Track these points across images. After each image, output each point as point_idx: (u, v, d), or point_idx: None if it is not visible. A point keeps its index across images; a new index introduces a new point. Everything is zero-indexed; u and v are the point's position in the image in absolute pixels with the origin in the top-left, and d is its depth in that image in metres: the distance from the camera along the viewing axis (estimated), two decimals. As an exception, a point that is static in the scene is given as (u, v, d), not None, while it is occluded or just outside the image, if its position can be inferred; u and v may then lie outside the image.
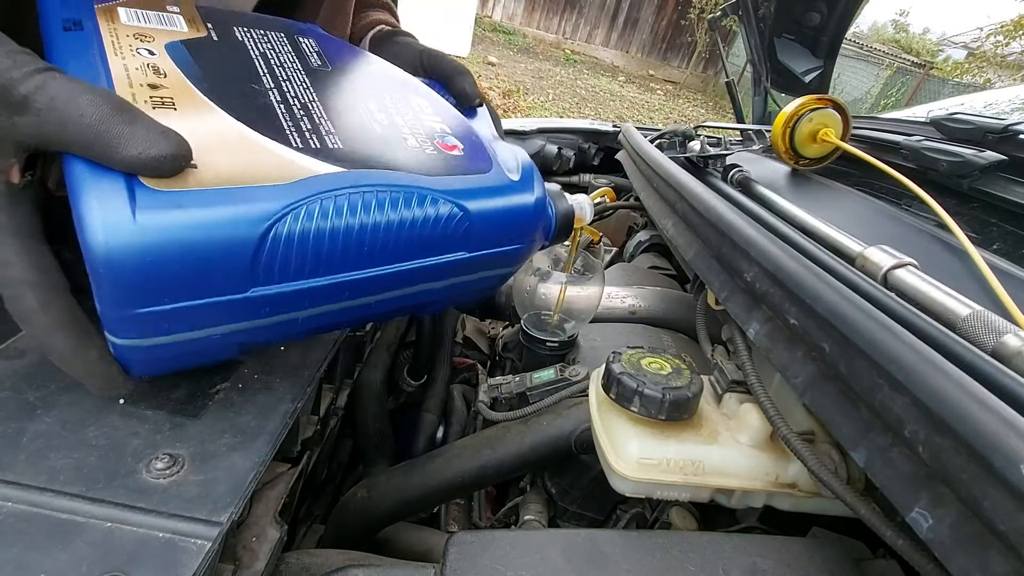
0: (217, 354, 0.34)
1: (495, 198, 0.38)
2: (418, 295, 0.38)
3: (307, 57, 0.40)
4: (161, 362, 0.32)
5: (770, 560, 0.37)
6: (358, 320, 0.40)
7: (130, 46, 0.33)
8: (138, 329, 0.28)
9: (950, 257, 0.51)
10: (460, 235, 0.36)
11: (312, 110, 0.35)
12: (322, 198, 0.30)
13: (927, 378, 0.28)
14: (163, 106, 0.30)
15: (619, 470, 0.40)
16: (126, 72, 0.31)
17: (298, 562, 0.39)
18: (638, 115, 6.69)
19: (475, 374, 0.87)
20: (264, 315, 0.32)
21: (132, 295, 0.27)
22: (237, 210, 0.28)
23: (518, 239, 0.40)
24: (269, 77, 0.36)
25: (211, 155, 0.28)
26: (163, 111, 0.29)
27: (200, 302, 0.29)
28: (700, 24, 9.12)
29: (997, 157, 0.60)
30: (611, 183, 1.29)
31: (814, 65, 1.12)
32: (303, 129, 0.33)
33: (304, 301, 0.32)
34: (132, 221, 0.25)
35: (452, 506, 0.66)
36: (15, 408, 0.33)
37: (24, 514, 0.27)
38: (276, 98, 0.35)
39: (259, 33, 0.40)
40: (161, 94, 0.30)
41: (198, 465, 0.32)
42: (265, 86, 0.35)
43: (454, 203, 0.35)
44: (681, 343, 0.69)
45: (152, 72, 0.31)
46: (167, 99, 0.30)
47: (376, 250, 0.33)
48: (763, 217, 0.62)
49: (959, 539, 0.26)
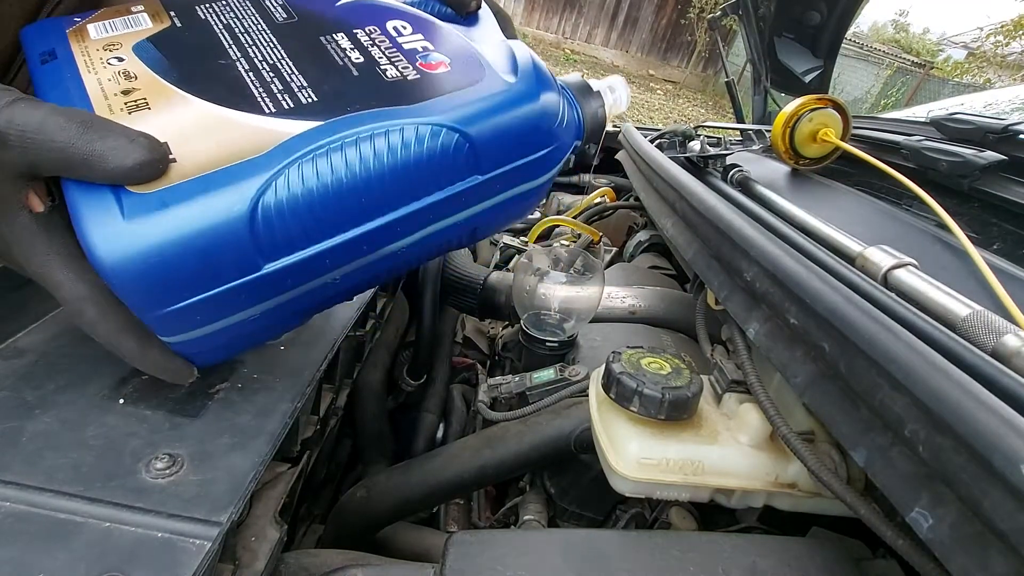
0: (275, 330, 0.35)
1: (491, 108, 0.34)
2: (450, 229, 0.36)
3: (271, 13, 0.38)
4: (220, 349, 0.33)
5: (770, 560, 0.37)
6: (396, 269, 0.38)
7: (101, 59, 0.33)
8: (175, 326, 0.30)
9: (950, 257, 0.51)
10: (463, 159, 0.33)
11: (282, 69, 0.34)
12: (301, 160, 0.29)
13: (927, 378, 0.28)
14: (138, 109, 0.30)
15: (619, 470, 0.40)
16: (100, 86, 0.31)
17: (297, 562, 0.39)
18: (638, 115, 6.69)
19: (475, 374, 0.87)
20: (293, 286, 0.32)
21: (149, 298, 0.28)
22: (219, 194, 0.28)
23: (535, 146, 0.36)
24: (235, 48, 0.35)
25: (188, 144, 0.28)
26: (139, 114, 0.30)
27: (218, 290, 0.29)
28: (700, 24, 9.12)
29: (997, 157, 0.60)
30: (611, 183, 1.29)
31: (814, 65, 1.12)
32: (274, 91, 0.32)
33: (324, 264, 0.32)
34: (124, 229, 0.26)
35: (451, 506, 0.66)
36: (13, 408, 0.33)
37: (22, 514, 0.27)
38: (244, 67, 0.33)
39: (220, 5, 0.38)
40: (135, 98, 0.30)
41: (197, 465, 0.32)
42: (232, 58, 0.34)
43: (445, 127, 0.32)
44: (681, 343, 0.69)
45: (123, 78, 0.32)
46: (140, 101, 0.30)
47: (376, 198, 0.31)
48: (763, 217, 0.62)
49: (959, 539, 0.26)
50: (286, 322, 0.35)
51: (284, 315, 0.34)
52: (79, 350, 0.38)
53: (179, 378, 0.33)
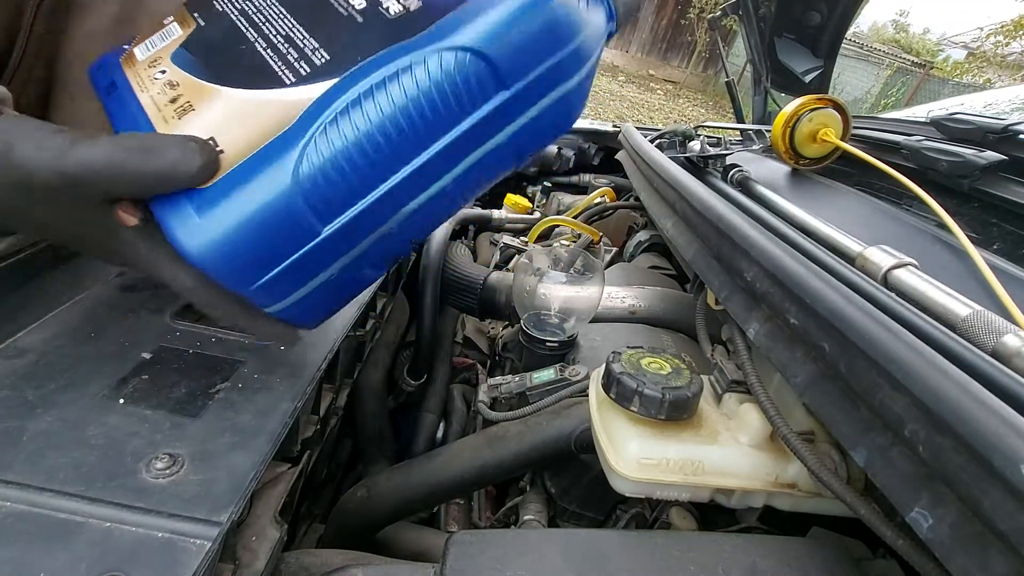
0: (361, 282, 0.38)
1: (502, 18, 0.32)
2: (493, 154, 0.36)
3: None
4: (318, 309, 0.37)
5: (770, 560, 0.37)
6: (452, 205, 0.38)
7: (149, 76, 0.36)
8: (270, 297, 0.33)
9: (950, 257, 0.51)
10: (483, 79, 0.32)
11: (294, 37, 0.35)
12: (326, 123, 0.31)
13: (927, 378, 0.28)
14: (185, 112, 0.32)
15: (619, 470, 0.40)
16: (153, 101, 0.34)
17: (298, 562, 0.39)
18: (638, 115, 6.69)
19: (475, 374, 0.87)
20: (356, 242, 0.34)
21: (238, 277, 0.31)
22: (264, 174, 0.30)
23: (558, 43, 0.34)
24: (252, 30, 0.36)
25: (230, 133, 0.31)
26: (187, 117, 0.32)
27: (292, 259, 0.32)
28: (700, 24, 9.12)
29: (997, 157, 0.60)
30: (611, 183, 1.29)
31: (814, 65, 1.12)
32: (291, 61, 0.33)
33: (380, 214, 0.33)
34: (201, 225, 0.30)
35: (452, 506, 0.66)
36: (15, 407, 0.33)
37: (23, 514, 0.27)
38: (262, 46, 0.35)
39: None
40: (181, 104, 0.33)
41: (198, 465, 0.32)
42: (250, 40, 0.36)
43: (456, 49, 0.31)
44: (681, 343, 0.69)
45: (169, 88, 0.34)
46: (186, 104, 0.33)
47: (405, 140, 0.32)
48: (763, 217, 0.62)
49: (959, 539, 0.26)
50: (367, 274, 0.37)
51: (362, 267, 0.36)
52: (80, 350, 0.38)
53: (287, 339, 0.38)
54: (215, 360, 0.40)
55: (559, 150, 1.35)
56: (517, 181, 1.40)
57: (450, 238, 0.87)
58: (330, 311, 0.39)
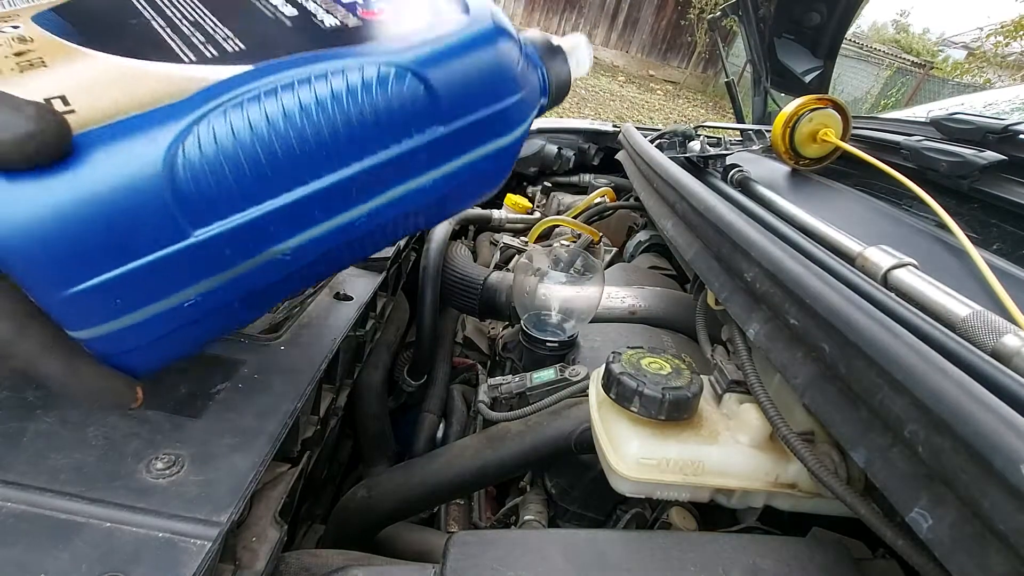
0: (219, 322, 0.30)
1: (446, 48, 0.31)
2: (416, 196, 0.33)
3: None
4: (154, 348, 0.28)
5: (770, 560, 0.37)
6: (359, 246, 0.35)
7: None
8: (90, 313, 0.25)
9: (950, 257, 0.51)
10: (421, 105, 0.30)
11: (204, 23, 0.30)
12: (228, 105, 0.26)
13: (927, 378, 0.28)
14: (32, 67, 0.26)
15: (619, 470, 0.40)
16: None
17: (298, 562, 0.39)
18: (638, 115, 6.69)
19: (475, 374, 0.87)
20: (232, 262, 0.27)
21: (51, 275, 0.23)
22: (127, 143, 0.24)
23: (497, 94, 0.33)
24: (150, 9, 0.32)
25: (90, 96, 0.25)
26: (32, 72, 0.26)
27: (139, 263, 0.25)
28: (700, 24, 9.12)
29: (997, 157, 0.60)
30: (611, 183, 1.29)
31: (814, 65, 1.12)
32: (195, 43, 0.29)
33: (269, 232, 0.28)
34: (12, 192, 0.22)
35: (452, 506, 0.66)
36: (15, 408, 0.33)
37: (24, 514, 0.27)
38: (159, 24, 0.30)
39: None
40: (28, 58, 0.27)
41: (198, 465, 0.32)
42: (146, 17, 0.31)
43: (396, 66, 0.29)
44: (681, 343, 0.69)
45: (17, 42, 0.28)
46: (36, 60, 0.27)
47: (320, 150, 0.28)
48: (763, 217, 0.62)
49: (959, 539, 0.26)
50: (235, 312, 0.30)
51: (230, 301, 0.29)
52: (80, 350, 0.38)
53: (120, 400, 0.28)
54: (215, 360, 0.40)
55: (559, 150, 1.35)
56: (517, 181, 1.40)
57: (450, 238, 0.88)
58: (168, 356, 0.30)
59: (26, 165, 0.22)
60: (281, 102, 0.26)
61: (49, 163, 0.23)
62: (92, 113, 0.24)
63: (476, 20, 0.33)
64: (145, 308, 0.26)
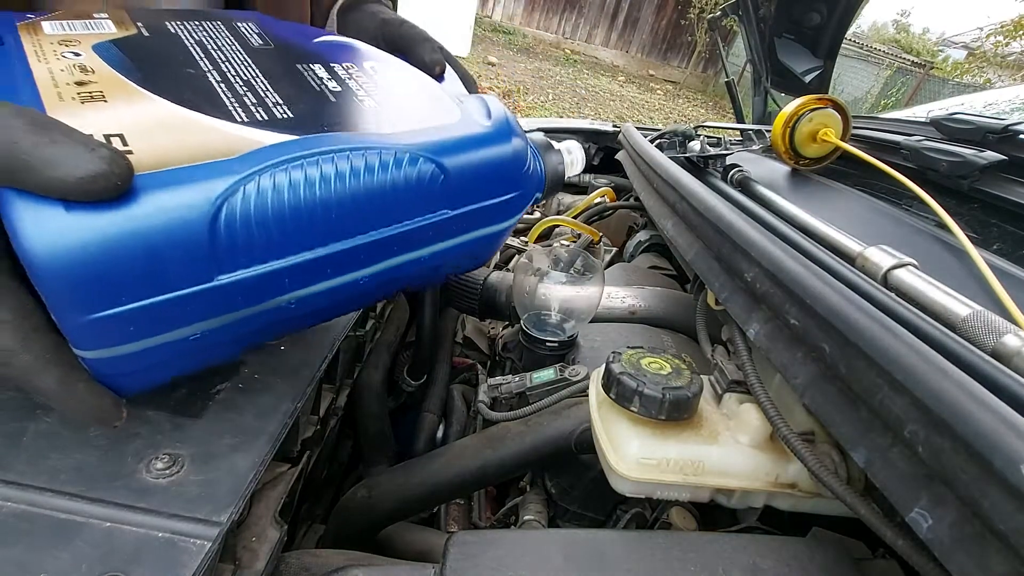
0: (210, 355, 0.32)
1: (469, 147, 0.35)
2: (413, 264, 0.36)
3: (247, 39, 0.38)
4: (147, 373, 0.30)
5: (770, 560, 0.37)
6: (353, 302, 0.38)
7: (54, 52, 0.31)
8: (103, 337, 0.26)
9: (950, 257, 0.51)
10: (437, 192, 0.34)
11: (256, 85, 0.33)
12: (275, 168, 0.28)
13: (927, 378, 0.28)
14: (92, 99, 0.28)
15: (619, 470, 0.40)
16: (51, 75, 0.29)
17: (298, 562, 0.39)
18: (638, 115, 6.69)
19: (475, 374, 0.87)
20: (243, 305, 0.30)
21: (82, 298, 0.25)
22: (182, 190, 0.26)
23: (504, 188, 0.38)
24: (206, 61, 0.34)
25: (148, 139, 0.27)
26: (92, 104, 0.28)
27: (163, 298, 0.26)
28: (700, 24, 9.12)
29: (997, 157, 0.60)
30: (611, 183, 1.29)
31: (814, 65, 1.12)
32: (247, 103, 0.31)
33: (283, 283, 0.30)
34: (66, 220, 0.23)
35: (452, 506, 0.66)
36: (16, 408, 0.33)
37: (25, 514, 0.27)
38: (215, 78, 0.33)
39: (193, 24, 0.38)
40: (89, 89, 0.29)
41: (198, 465, 0.32)
42: (202, 69, 0.33)
43: (423, 157, 0.33)
44: (681, 343, 0.69)
45: (79, 71, 0.30)
46: (96, 93, 0.29)
47: (347, 218, 0.31)
48: (763, 217, 0.62)
49: (959, 539, 0.26)
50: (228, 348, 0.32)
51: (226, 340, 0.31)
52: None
53: (103, 419, 0.29)
54: (215, 360, 0.40)
55: (559, 150, 1.35)
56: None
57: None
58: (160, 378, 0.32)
59: (86, 199, 0.24)
60: (321, 172, 0.29)
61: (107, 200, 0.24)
62: (147, 157, 0.26)
63: (496, 124, 0.37)
64: (154, 337, 0.28)
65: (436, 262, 0.38)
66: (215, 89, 0.32)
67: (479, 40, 7.93)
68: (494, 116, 0.38)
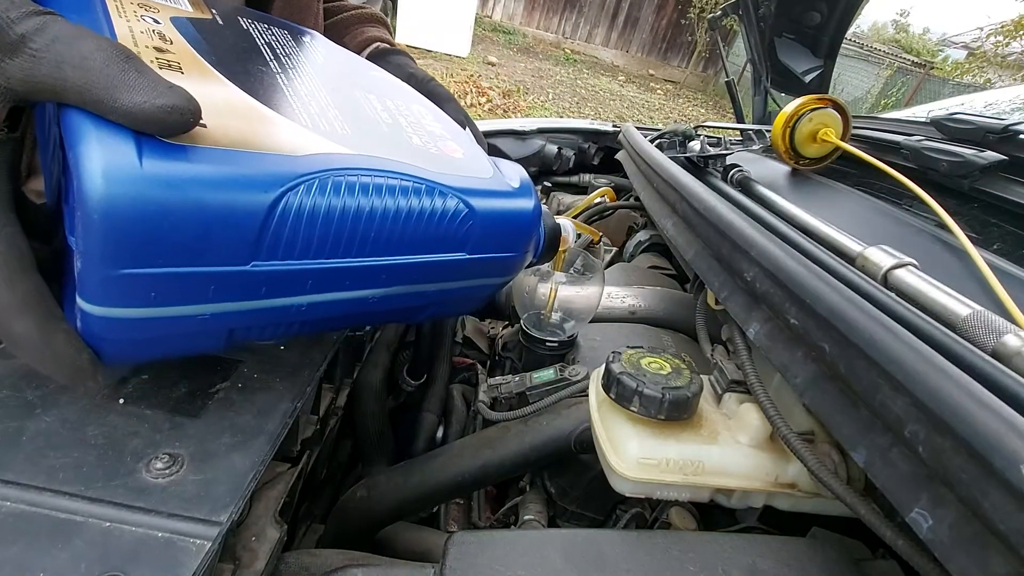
0: (202, 341, 0.32)
1: (497, 200, 0.38)
2: (414, 296, 0.38)
3: (312, 53, 0.41)
4: (137, 344, 0.29)
5: (770, 560, 0.37)
6: (353, 318, 0.39)
7: (135, 12, 0.32)
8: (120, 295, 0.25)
9: (950, 257, 0.51)
10: (463, 233, 0.36)
11: (318, 96, 0.35)
12: (334, 175, 0.30)
13: (927, 378, 0.28)
14: (170, 68, 0.28)
15: (619, 470, 0.40)
16: (131, 33, 0.29)
17: (298, 562, 0.39)
18: (638, 115, 6.69)
19: (475, 374, 0.87)
20: (260, 296, 0.30)
21: (124, 251, 0.24)
22: (250, 173, 0.27)
23: (514, 246, 0.41)
24: (275, 62, 0.36)
25: (221, 119, 0.28)
26: (170, 72, 0.28)
27: (197, 270, 0.27)
28: (700, 24, 9.12)
29: (997, 157, 0.60)
30: (611, 183, 1.29)
31: (814, 65, 1.12)
32: (311, 111, 0.33)
33: (304, 284, 0.31)
34: (138, 168, 0.23)
35: (452, 506, 0.66)
36: (14, 407, 0.33)
37: (23, 513, 0.27)
38: (283, 81, 0.35)
39: (262, 26, 0.41)
40: (167, 57, 0.29)
41: (198, 465, 0.32)
42: (272, 69, 0.35)
43: (460, 199, 0.35)
44: (681, 343, 0.69)
45: (158, 37, 0.30)
46: (174, 62, 0.29)
47: (382, 238, 0.33)
48: (763, 217, 0.62)
49: (959, 539, 0.26)
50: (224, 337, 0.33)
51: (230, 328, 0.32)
52: (79, 350, 0.38)
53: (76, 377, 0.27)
54: (215, 360, 0.40)
55: (559, 150, 1.35)
56: (517, 181, 1.40)
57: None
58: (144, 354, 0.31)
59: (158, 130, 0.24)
60: (370, 190, 0.31)
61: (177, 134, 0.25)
62: (222, 136, 0.27)
63: (522, 189, 0.41)
64: (167, 308, 0.27)
65: (434, 298, 0.40)
66: (284, 90, 0.33)
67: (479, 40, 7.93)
68: (521, 180, 0.41)
